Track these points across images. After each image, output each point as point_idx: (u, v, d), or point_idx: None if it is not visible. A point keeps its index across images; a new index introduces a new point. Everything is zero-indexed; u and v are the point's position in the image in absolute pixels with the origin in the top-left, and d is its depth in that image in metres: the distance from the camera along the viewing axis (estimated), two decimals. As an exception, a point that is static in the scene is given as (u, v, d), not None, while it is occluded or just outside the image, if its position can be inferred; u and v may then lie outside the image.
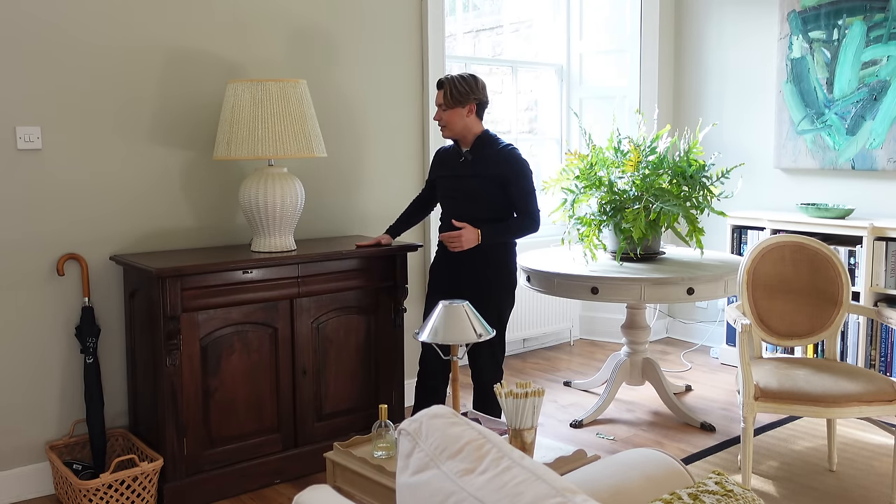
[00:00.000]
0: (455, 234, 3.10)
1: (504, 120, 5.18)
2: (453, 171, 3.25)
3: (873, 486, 3.03)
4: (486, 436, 1.24)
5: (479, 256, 3.16)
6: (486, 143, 3.20)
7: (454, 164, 3.25)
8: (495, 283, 3.20)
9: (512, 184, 3.16)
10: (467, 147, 3.22)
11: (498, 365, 3.27)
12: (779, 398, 2.78)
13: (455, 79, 3.15)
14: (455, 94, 3.13)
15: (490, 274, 3.19)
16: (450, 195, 3.27)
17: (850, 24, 4.29)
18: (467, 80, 3.15)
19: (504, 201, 3.19)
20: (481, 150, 3.19)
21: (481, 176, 3.16)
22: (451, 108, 3.14)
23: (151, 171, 3.24)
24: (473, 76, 3.18)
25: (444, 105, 3.15)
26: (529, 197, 3.19)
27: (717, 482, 1.32)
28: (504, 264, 3.23)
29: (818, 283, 3.15)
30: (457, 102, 3.13)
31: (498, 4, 5.22)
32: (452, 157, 3.27)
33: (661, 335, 5.35)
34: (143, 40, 3.17)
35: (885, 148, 4.19)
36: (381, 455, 2.37)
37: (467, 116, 3.16)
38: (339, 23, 3.72)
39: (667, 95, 5.17)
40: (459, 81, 3.14)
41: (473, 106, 3.16)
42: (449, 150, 3.32)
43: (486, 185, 3.16)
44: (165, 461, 2.89)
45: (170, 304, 2.84)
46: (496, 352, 3.24)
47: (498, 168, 3.15)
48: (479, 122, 3.23)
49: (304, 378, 3.20)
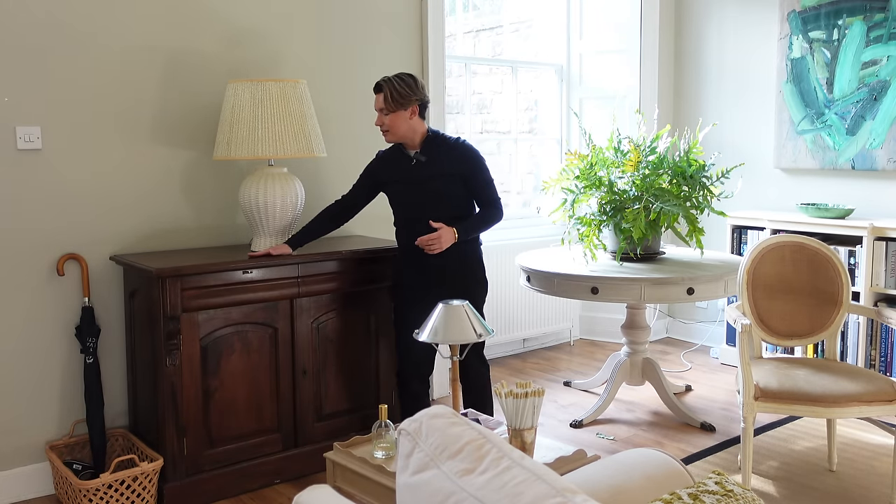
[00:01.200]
0: (434, 236, 3.04)
1: (504, 120, 5.18)
2: (407, 177, 3.14)
3: (873, 486, 3.03)
4: (486, 436, 1.24)
5: (451, 256, 3.11)
6: (437, 142, 3.13)
7: (405, 168, 3.14)
8: (468, 279, 3.18)
9: (473, 177, 3.13)
10: (416, 149, 3.13)
11: (483, 360, 3.27)
12: (779, 398, 2.78)
13: (394, 80, 3.04)
14: (396, 97, 3.01)
15: (462, 273, 3.16)
16: (407, 200, 3.17)
17: (850, 24, 4.29)
18: (406, 80, 3.05)
19: (465, 197, 3.16)
20: (434, 150, 3.11)
21: (440, 175, 3.10)
22: (392, 111, 3.03)
23: (151, 171, 3.24)
24: (412, 76, 3.08)
25: (385, 109, 3.04)
26: (490, 187, 3.17)
27: (717, 482, 1.32)
28: (474, 261, 3.21)
29: (818, 283, 3.15)
30: (398, 105, 3.02)
31: (498, 4, 5.22)
32: (400, 160, 3.16)
33: (661, 335, 5.35)
34: (143, 40, 3.17)
35: (885, 148, 4.19)
36: (381, 455, 2.37)
37: (410, 119, 3.06)
38: (339, 23, 3.72)
39: (667, 95, 5.17)
40: (399, 83, 3.03)
41: (416, 107, 3.06)
42: (392, 152, 3.21)
43: (448, 184, 3.11)
44: (165, 461, 2.89)
45: (170, 304, 2.84)
46: (480, 349, 3.24)
47: (458, 164, 3.10)
48: (423, 123, 3.13)
49: (304, 378, 3.20)
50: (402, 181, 3.16)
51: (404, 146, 3.15)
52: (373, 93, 3.14)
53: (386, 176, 3.22)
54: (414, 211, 3.15)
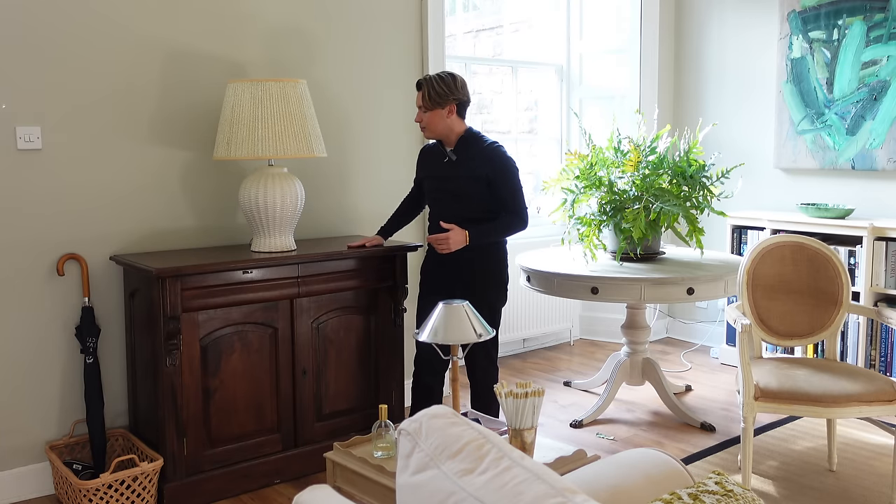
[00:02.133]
0: (443, 237, 3.07)
1: (504, 120, 5.18)
2: (438, 172, 3.21)
3: (873, 486, 3.03)
4: (486, 436, 1.24)
5: (468, 255, 3.14)
6: (471, 142, 3.16)
7: (439, 164, 3.21)
8: (486, 280, 3.19)
9: (498, 182, 3.13)
10: (451, 147, 3.18)
11: (493, 362, 3.28)
12: (779, 398, 2.78)
13: (433, 79, 3.09)
14: (434, 96, 3.07)
15: (481, 272, 3.18)
16: (437, 196, 3.24)
17: (850, 24, 4.29)
18: (445, 80, 3.09)
19: (491, 200, 3.16)
20: (466, 150, 3.15)
21: (467, 176, 3.13)
22: (430, 109, 3.10)
23: (151, 171, 3.24)
24: (452, 75, 3.12)
25: (424, 107, 3.11)
26: (516, 194, 3.16)
27: (717, 482, 1.32)
28: (494, 262, 3.22)
29: (818, 283, 3.15)
30: (436, 104, 3.08)
31: (498, 4, 5.22)
32: (437, 156, 3.24)
33: (661, 335, 5.35)
34: (143, 40, 3.17)
35: (885, 148, 4.19)
36: (381, 455, 2.37)
37: (448, 117, 3.11)
38: (339, 23, 3.72)
39: (667, 95, 5.17)
40: (437, 82, 3.08)
41: (454, 106, 3.11)
42: (433, 148, 3.29)
43: (473, 185, 3.13)
44: (165, 461, 2.89)
45: (170, 304, 2.84)
46: (491, 350, 3.25)
47: (484, 167, 3.12)
48: (462, 122, 3.18)
49: (304, 378, 3.20)
50: (434, 177, 3.25)
51: (443, 143, 3.21)
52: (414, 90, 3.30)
53: (423, 170, 3.33)
54: (438, 207, 3.23)
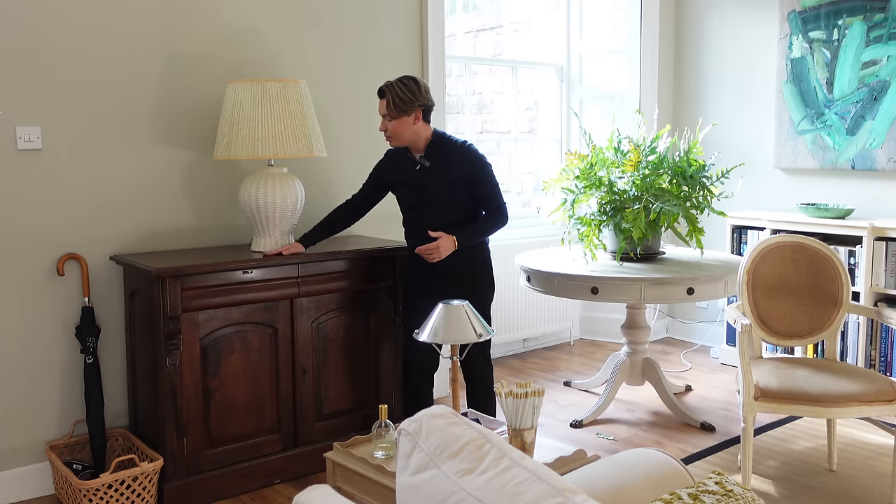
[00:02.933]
0: (433, 246, 3.04)
1: (504, 120, 5.18)
2: (412, 181, 3.14)
3: (873, 486, 3.03)
4: (486, 436, 1.24)
5: (458, 257, 3.12)
6: (442, 146, 3.11)
7: (410, 171, 3.14)
8: (476, 279, 3.19)
9: (477, 182, 3.10)
10: (420, 153, 3.12)
11: (489, 360, 3.29)
12: (779, 398, 2.78)
13: (396, 86, 3.00)
14: (398, 103, 2.98)
15: (470, 271, 3.18)
16: (413, 204, 3.18)
17: (850, 24, 4.29)
18: (409, 85, 3.01)
19: (470, 202, 3.15)
20: (439, 155, 3.10)
21: (445, 181, 3.08)
22: (396, 117, 3.01)
23: (151, 171, 3.24)
24: (415, 80, 3.04)
25: (389, 115, 3.02)
26: (495, 192, 3.14)
27: (717, 482, 1.32)
28: (480, 261, 3.22)
29: (818, 283, 3.15)
30: (401, 111, 3.00)
31: (498, 4, 5.22)
32: (405, 163, 3.16)
33: (661, 335, 5.35)
34: (143, 40, 3.17)
35: (885, 148, 4.19)
36: (381, 455, 2.37)
37: (414, 124, 3.03)
38: (339, 22, 3.72)
39: (667, 95, 5.17)
40: (401, 88, 2.99)
41: (420, 112, 3.03)
42: (399, 153, 3.19)
43: (451, 190, 3.09)
44: (165, 461, 2.89)
45: (170, 304, 2.84)
46: (486, 347, 3.26)
47: (460, 168, 3.08)
48: (428, 126, 3.09)
49: (304, 378, 3.20)
50: (407, 185, 3.17)
51: (409, 150, 3.15)
52: (377, 96, 3.13)
53: (392, 177, 3.23)
54: (418, 214, 3.17)
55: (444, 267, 3.13)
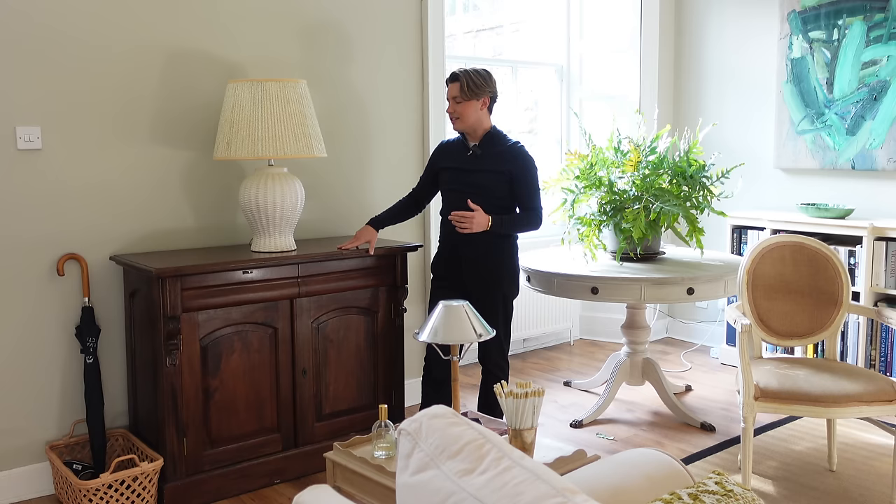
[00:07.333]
0: (468, 215, 3.12)
1: (504, 120, 5.18)
2: (460, 164, 3.27)
3: (873, 486, 3.03)
4: (486, 436, 1.24)
5: (481, 248, 3.19)
6: (495, 140, 3.24)
7: (461, 157, 3.27)
8: (501, 272, 3.24)
9: (520, 180, 3.20)
10: (475, 141, 3.25)
11: (506, 356, 3.31)
12: (779, 398, 2.78)
13: (470, 72, 3.20)
14: (471, 87, 3.16)
15: (494, 265, 3.22)
16: (455, 188, 3.28)
17: (850, 24, 4.29)
18: (482, 73, 3.20)
19: (508, 197, 3.22)
20: (490, 146, 3.22)
21: (490, 171, 3.19)
22: (466, 100, 3.18)
23: (152, 171, 3.24)
24: (487, 70, 3.23)
25: (460, 97, 3.18)
26: (535, 194, 3.24)
27: (717, 482, 1.32)
28: (508, 255, 3.26)
29: (818, 283, 3.15)
30: (472, 95, 3.17)
31: (498, 4, 5.22)
32: (459, 150, 3.30)
33: (661, 335, 5.35)
34: (143, 40, 3.17)
35: (885, 148, 4.19)
36: (381, 455, 2.37)
37: (480, 110, 3.21)
38: (338, 23, 3.72)
39: (667, 95, 5.17)
40: (475, 74, 3.19)
41: (487, 99, 3.21)
42: (454, 142, 3.35)
43: (494, 181, 3.19)
44: (165, 461, 2.89)
45: (170, 304, 2.84)
46: (504, 344, 3.29)
47: (507, 164, 3.18)
48: (489, 118, 3.27)
49: (304, 378, 3.20)
50: (454, 168, 3.29)
51: (467, 137, 3.26)
52: (445, 84, 3.35)
53: (443, 162, 3.35)
54: (457, 199, 3.24)
55: (472, 257, 3.21)
